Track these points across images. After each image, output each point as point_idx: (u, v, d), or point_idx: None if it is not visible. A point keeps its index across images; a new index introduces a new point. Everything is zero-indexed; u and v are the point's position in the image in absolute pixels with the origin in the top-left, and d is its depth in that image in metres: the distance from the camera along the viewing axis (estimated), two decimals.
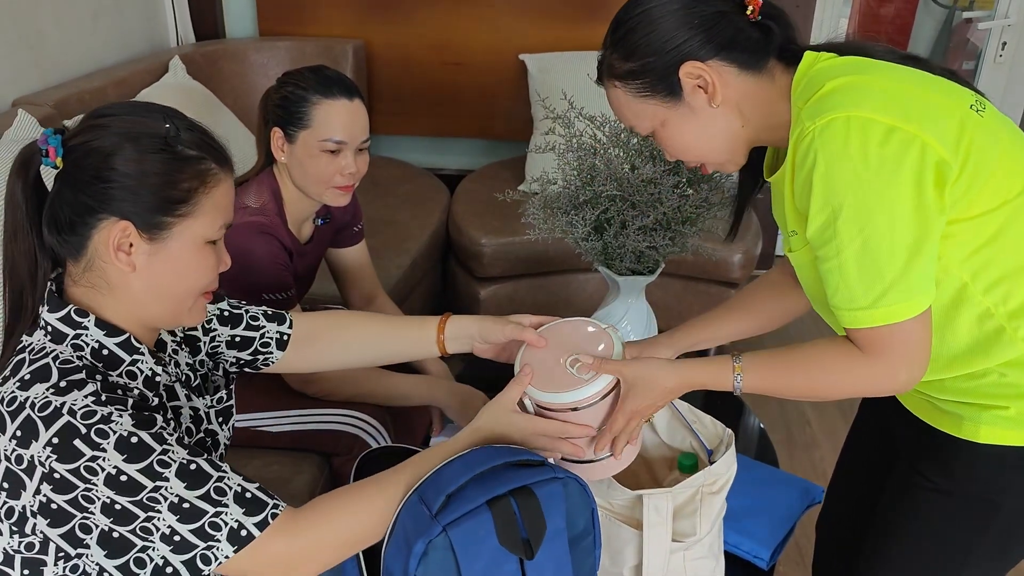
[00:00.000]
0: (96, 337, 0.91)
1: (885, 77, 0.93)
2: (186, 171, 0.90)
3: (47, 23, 2.28)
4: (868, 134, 0.87)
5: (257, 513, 0.88)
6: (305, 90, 1.48)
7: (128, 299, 0.93)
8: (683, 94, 1.00)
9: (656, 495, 1.08)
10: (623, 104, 1.05)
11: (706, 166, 1.09)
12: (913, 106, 0.89)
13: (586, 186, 1.55)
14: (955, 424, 1.03)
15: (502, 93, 2.99)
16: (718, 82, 0.98)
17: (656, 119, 1.04)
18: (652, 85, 1.01)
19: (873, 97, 0.89)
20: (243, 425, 1.61)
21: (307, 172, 1.50)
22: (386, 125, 3.11)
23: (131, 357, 0.93)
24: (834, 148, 0.88)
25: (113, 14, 2.58)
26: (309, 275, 1.70)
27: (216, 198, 0.93)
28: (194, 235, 0.92)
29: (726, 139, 1.04)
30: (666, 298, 2.56)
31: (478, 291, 2.59)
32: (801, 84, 0.97)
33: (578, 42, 2.88)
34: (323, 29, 2.99)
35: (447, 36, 2.96)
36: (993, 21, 3.00)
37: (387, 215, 2.62)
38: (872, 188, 0.87)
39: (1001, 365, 0.98)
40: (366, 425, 1.59)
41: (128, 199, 0.88)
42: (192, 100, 2.49)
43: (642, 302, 1.65)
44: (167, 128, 0.90)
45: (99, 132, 0.88)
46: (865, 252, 0.88)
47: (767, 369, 1.04)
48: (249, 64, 2.82)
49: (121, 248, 0.89)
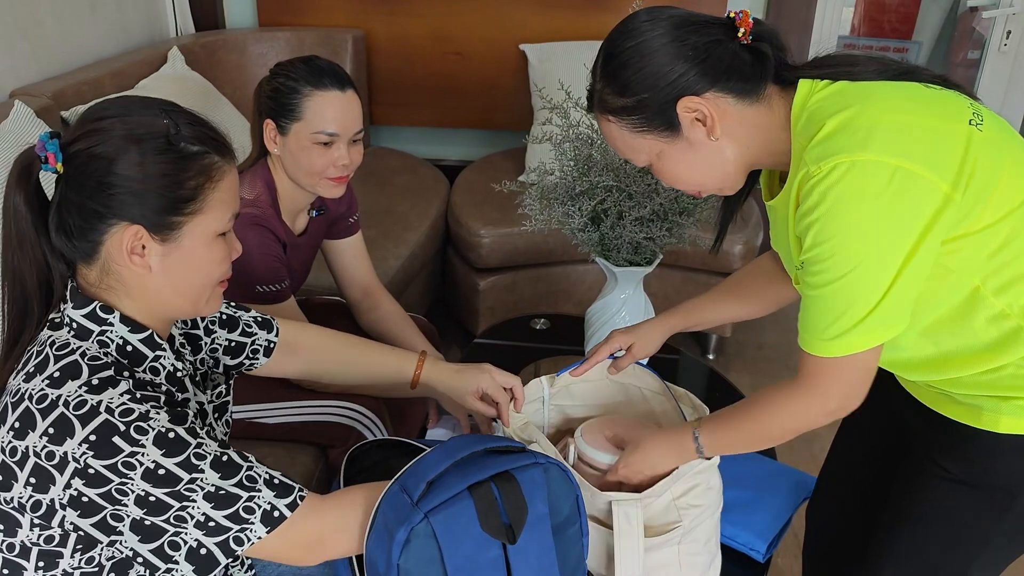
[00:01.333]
0: (121, 334, 0.92)
1: (883, 108, 0.92)
2: (191, 168, 0.90)
3: (45, 13, 2.27)
4: (873, 178, 0.87)
5: (287, 496, 0.91)
6: (296, 81, 1.46)
7: (146, 297, 0.93)
8: (681, 128, 1.00)
9: (626, 503, 1.08)
10: (617, 138, 1.05)
11: (702, 192, 1.09)
12: (915, 141, 0.89)
13: (583, 176, 1.54)
14: (974, 415, 1.03)
15: (502, 83, 2.98)
16: (716, 114, 0.98)
17: (652, 152, 1.04)
18: (648, 120, 1.00)
19: (875, 137, 0.89)
20: (239, 416, 1.61)
21: (300, 164, 1.49)
22: (386, 116, 3.11)
23: (154, 353, 0.95)
24: (837, 193, 0.88)
25: (112, 4, 2.57)
26: (304, 267, 1.70)
27: (223, 191, 0.93)
28: (205, 230, 0.93)
29: (723, 167, 1.04)
30: (665, 289, 2.56)
31: (477, 282, 2.59)
32: (802, 119, 0.97)
33: (578, 32, 2.87)
34: (323, 19, 2.98)
35: (447, 26, 2.95)
36: (998, 10, 2.97)
37: (386, 206, 2.61)
38: (871, 233, 0.88)
39: (1020, 359, 0.98)
40: (362, 416, 1.59)
41: (136, 203, 0.88)
42: (191, 91, 2.49)
43: (640, 293, 1.65)
44: (167, 125, 0.89)
45: (100, 136, 0.87)
46: (845, 289, 0.90)
47: (722, 428, 1.09)
48: (248, 55, 2.81)
49: (135, 251, 0.89)
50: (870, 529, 1.21)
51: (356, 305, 1.79)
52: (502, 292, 2.61)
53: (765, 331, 2.96)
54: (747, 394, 1.71)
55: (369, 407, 1.59)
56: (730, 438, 1.09)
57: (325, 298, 1.91)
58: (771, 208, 1.09)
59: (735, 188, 1.09)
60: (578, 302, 2.59)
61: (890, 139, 0.89)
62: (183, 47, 2.64)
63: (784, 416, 1.02)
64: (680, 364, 1.86)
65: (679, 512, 1.11)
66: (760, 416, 1.05)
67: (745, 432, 1.07)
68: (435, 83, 3.03)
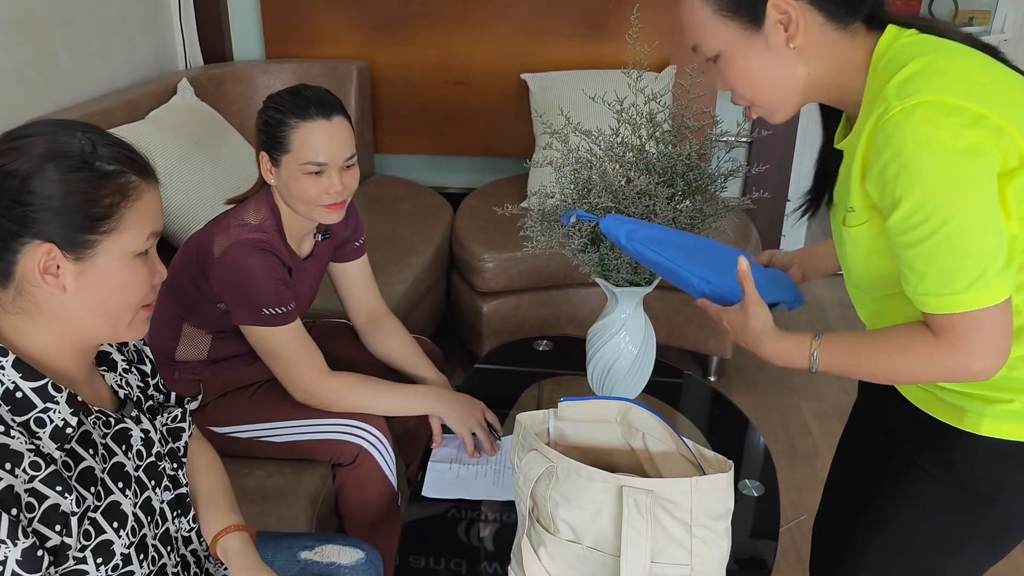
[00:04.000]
0: (12, 378, 0.89)
1: (968, 64, 0.92)
2: (107, 187, 0.89)
3: (59, 46, 2.33)
4: (957, 120, 0.86)
5: None
6: (283, 113, 1.47)
7: (62, 321, 0.92)
8: (764, 26, 0.98)
9: (636, 491, 1.03)
10: (698, 18, 1.02)
11: (753, 108, 1.06)
12: (996, 97, 0.89)
13: (583, 199, 1.58)
14: (957, 416, 1.04)
15: (504, 111, 3.04)
16: (802, 24, 0.96)
17: (726, 43, 1.01)
18: (736, 6, 0.98)
19: (959, 84, 0.88)
20: (246, 435, 1.64)
21: (294, 194, 1.52)
22: (390, 144, 3.16)
23: (44, 404, 0.90)
24: (923, 132, 0.86)
25: (123, 38, 2.64)
26: (311, 290, 1.73)
27: (140, 210, 0.92)
28: (121, 250, 0.91)
29: (787, 84, 1.02)
30: (666, 310, 2.58)
31: (481, 305, 2.62)
32: (883, 59, 0.96)
33: (577, 61, 2.93)
34: (328, 50, 3.04)
35: (450, 56, 3.01)
36: (989, 36, 3.03)
37: (391, 232, 2.66)
38: (962, 173, 0.86)
39: (1014, 358, 0.98)
40: (368, 435, 1.61)
41: (50, 221, 0.87)
42: (200, 121, 2.54)
43: (640, 313, 1.67)
44: (83, 145, 0.89)
45: (15, 155, 0.87)
46: (957, 236, 0.87)
47: (847, 348, 1.04)
48: (256, 86, 2.87)
49: (48, 271, 0.88)
50: (852, 532, 1.22)
51: (362, 328, 1.82)
52: (505, 315, 2.64)
53: None
54: (750, 415, 1.73)
55: (375, 425, 1.62)
56: (851, 361, 1.03)
57: (331, 321, 1.94)
58: (843, 150, 1.05)
59: (787, 115, 1.06)
60: (580, 324, 2.62)
61: (975, 89, 0.88)
62: (192, 79, 2.70)
63: (923, 363, 0.97)
64: (683, 386, 1.88)
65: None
66: (894, 354, 0.99)
67: (870, 363, 1.02)
68: (438, 112, 3.09)
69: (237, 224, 1.53)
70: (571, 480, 1.07)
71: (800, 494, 2.28)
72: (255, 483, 1.61)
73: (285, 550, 1.32)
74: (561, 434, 1.34)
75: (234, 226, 1.53)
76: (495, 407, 1.63)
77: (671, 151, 1.58)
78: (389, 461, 1.63)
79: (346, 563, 1.31)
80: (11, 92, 2.16)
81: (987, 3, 3.09)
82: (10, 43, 2.15)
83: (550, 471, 1.08)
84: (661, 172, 1.57)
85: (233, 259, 1.49)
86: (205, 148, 2.40)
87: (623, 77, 1.62)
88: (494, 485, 1.47)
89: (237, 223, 1.53)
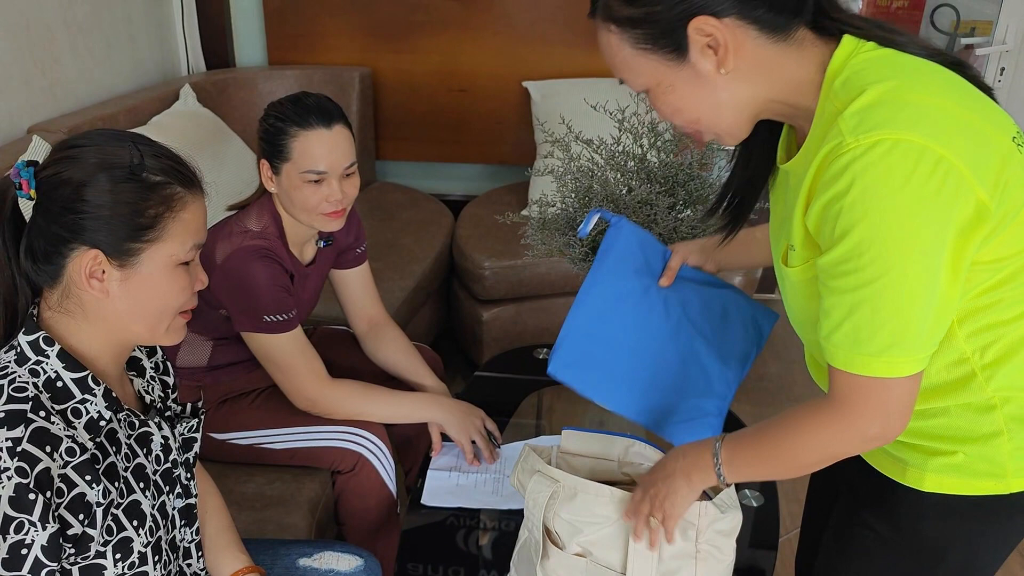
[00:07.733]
0: (55, 368, 0.93)
1: (934, 91, 0.81)
2: (152, 197, 0.93)
3: (63, 51, 2.34)
4: (918, 163, 0.76)
5: None
6: (284, 122, 1.48)
7: (104, 322, 0.95)
8: (689, 53, 0.86)
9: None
10: (616, 53, 0.91)
11: (702, 134, 0.95)
12: (962, 135, 0.79)
13: (583, 208, 1.58)
14: (899, 470, 0.97)
15: (506, 119, 3.05)
16: (731, 45, 0.84)
17: (652, 77, 0.90)
18: (654, 38, 0.87)
19: (925, 118, 0.78)
20: (246, 442, 1.64)
21: (294, 202, 1.52)
22: (392, 151, 3.17)
23: (82, 395, 0.94)
24: (877, 174, 0.77)
25: (127, 43, 2.65)
26: (313, 296, 1.73)
27: (184, 221, 0.96)
28: (164, 258, 0.95)
29: (731, 109, 0.90)
30: None
31: (481, 313, 2.62)
32: (839, 77, 0.84)
33: (579, 69, 2.93)
34: (331, 57, 3.05)
35: (452, 63, 3.02)
36: (991, 47, 3.03)
37: (392, 239, 2.66)
38: (911, 227, 0.77)
39: (957, 406, 0.92)
40: (367, 442, 1.61)
41: (99, 229, 0.91)
42: (202, 127, 2.55)
43: None
44: (132, 156, 0.92)
45: (69, 164, 0.91)
46: (886, 295, 0.79)
47: (746, 450, 0.97)
48: (258, 92, 2.88)
49: (94, 275, 0.92)
50: None
51: (363, 335, 1.82)
52: (506, 323, 2.64)
53: (766, 363, 2.98)
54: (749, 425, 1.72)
55: (375, 433, 1.62)
56: (753, 465, 0.97)
57: (332, 328, 1.95)
58: (782, 173, 0.96)
59: (738, 138, 0.94)
60: None
61: (940, 125, 0.78)
62: (195, 84, 2.71)
63: (817, 442, 0.90)
64: None
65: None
66: (788, 441, 0.92)
67: (770, 459, 0.95)
68: (440, 119, 3.10)
69: (239, 230, 1.53)
70: (578, 497, 1.08)
71: (799, 504, 2.25)
72: (255, 490, 1.61)
73: (284, 557, 1.32)
74: (564, 461, 1.35)
75: (236, 232, 1.53)
76: (495, 415, 1.63)
77: (672, 160, 1.59)
78: (389, 469, 1.63)
79: (345, 570, 1.31)
80: (15, 97, 2.17)
81: (989, 14, 3.10)
82: (14, 48, 2.15)
83: (556, 492, 1.09)
84: (662, 181, 1.57)
85: (235, 265, 1.49)
86: (207, 154, 2.40)
87: (625, 86, 1.62)
88: (493, 493, 1.47)
89: (239, 229, 1.54)
